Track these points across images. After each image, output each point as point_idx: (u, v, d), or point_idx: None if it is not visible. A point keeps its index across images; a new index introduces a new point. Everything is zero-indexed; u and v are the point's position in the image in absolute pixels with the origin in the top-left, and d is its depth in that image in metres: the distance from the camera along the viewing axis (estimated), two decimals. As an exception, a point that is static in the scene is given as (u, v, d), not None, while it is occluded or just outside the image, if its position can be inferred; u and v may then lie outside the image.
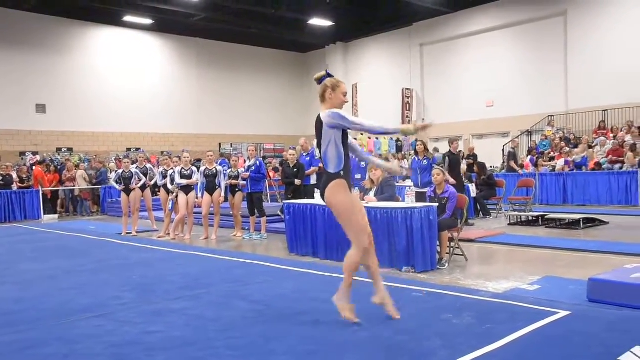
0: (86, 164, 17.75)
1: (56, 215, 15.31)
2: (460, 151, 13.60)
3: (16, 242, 10.39)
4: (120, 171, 11.00)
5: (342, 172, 4.00)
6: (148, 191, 11.30)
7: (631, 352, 3.23)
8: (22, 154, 18.65)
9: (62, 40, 20.29)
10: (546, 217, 10.34)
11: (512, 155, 15.31)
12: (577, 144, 15.70)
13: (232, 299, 5.05)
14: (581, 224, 9.52)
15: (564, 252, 7.20)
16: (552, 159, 15.57)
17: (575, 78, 18.05)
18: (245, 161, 10.74)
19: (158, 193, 11.31)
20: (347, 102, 4.23)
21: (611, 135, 15.68)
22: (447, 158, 10.69)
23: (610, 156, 14.18)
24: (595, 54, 17.44)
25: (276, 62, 26.77)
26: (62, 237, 10.94)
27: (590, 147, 15.14)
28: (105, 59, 21.37)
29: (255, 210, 9.88)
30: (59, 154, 19.31)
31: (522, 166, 15.49)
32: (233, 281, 5.87)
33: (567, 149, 15.06)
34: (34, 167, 16.31)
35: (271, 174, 16.72)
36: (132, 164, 11.55)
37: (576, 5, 17.99)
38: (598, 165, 14.27)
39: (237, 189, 9.89)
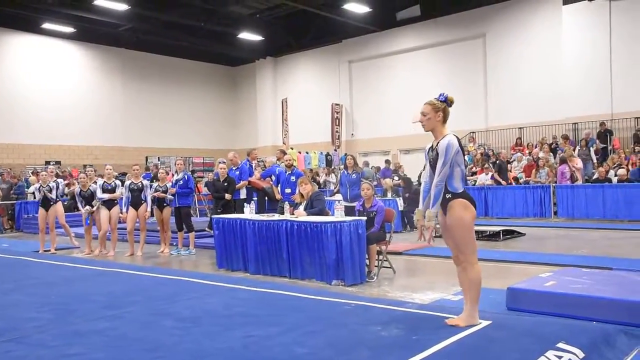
0: (-1, 177, 16.68)
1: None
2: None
3: None
4: (38, 185, 10.43)
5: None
6: (60, 206, 10.69)
7: (545, 356, 3.42)
8: None
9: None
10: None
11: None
12: (496, 160, 16.53)
13: (158, 317, 4.89)
14: (501, 235, 10.01)
15: (485, 263, 7.52)
16: (474, 173, 16.28)
17: (494, 97, 19.06)
18: (173, 175, 10.50)
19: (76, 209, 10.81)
20: None
21: (527, 151, 16.64)
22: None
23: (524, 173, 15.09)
24: (512, 74, 18.52)
25: (206, 75, 26.45)
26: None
27: (508, 162, 15.98)
28: (22, 67, 20.29)
29: (183, 225, 9.66)
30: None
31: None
32: (159, 299, 5.69)
33: (487, 165, 15.79)
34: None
35: (200, 188, 16.42)
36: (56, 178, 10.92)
37: (494, 29, 19.05)
38: (516, 179, 15.08)
39: (164, 204, 9.64)
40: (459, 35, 19.78)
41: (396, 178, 14.09)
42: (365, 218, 6.67)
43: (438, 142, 4.08)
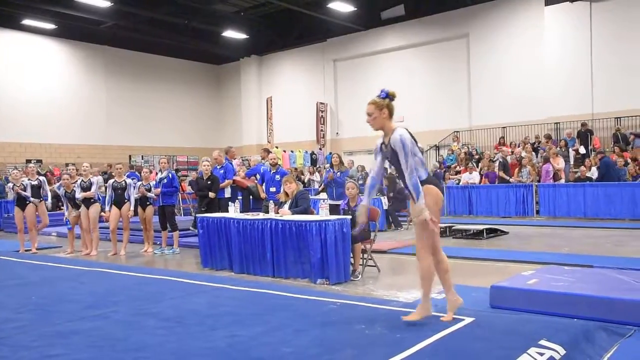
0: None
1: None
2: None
3: None
4: (12, 184, 10.31)
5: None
6: (43, 205, 10.57)
7: (527, 353, 3.46)
8: None
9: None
10: (453, 228, 10.87)
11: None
12: (480, 159, 16.66)
13: (142, 317, 4.85)
14: (484, 234, 10.10)
15: (470, 261, 7.60)
16: (458, 172, 16.40)
17: (478, 96, 19.22)
18: (157, 174, 10.42)
19: (61, 207, 10.69)
20: None
21: (509, 150, 16.80)
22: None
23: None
24: (495, 74, 18.69)
25: (190, 73, 26.28)
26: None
27: (491, 161, 16.12)
28: (2, 63, 19.97)
29: (167, 224, 9.60)
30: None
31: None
32: (143, 298, 5.65)
33: (471, 164, 15.90)
34: None
35: (184, 187, 16.31)
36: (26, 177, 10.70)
37: (477, 29, 19.20)
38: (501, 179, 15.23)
39: (148, 203, 9.56)
40: (443, 35, 19.90)
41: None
42: (350, 217, 6.69)
43: (389, 138, 4.08)
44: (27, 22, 19.73)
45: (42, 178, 10.76)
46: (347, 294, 5.72)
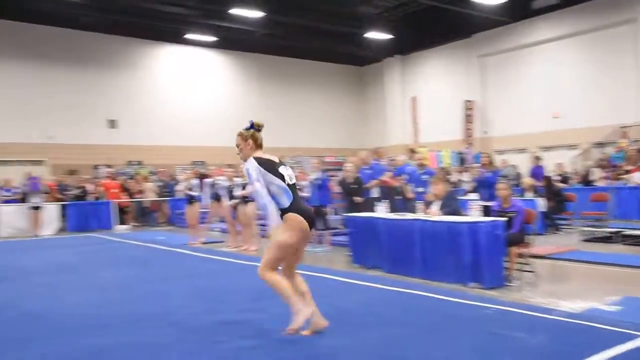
0: (155, 176, 18.42)
1: (128, 226, 15.95)
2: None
3: (92, 251, 10.91)
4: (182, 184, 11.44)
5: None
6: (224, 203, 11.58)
7: None
8: (96, 167, 19.60)
9: (130, 58, 21.28)
10: (623, 233, 9.83)
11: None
12: (653, 157, 14.85)
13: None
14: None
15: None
16: (627, 171, 14.80)
17: (649, 87, 17.14)
18: (308, 175, 10.86)
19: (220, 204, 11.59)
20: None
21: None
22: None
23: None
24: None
25: (334, 75, 26.99)
26: (133, 246, 11.39)
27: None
28: (169, 75, 22.23)
29: (320, 223, 9.94)
30: (130, 167, 20.21)
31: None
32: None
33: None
34: (105, 180, 17.10)
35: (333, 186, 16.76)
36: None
37: (648, 12, 17.14)
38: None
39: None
40: (604, 21, 18.04)
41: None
42: (503, 219, 6.37)
43: None
44: (189, 36, 21.76)
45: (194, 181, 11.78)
46: (502, 299, 5.45)
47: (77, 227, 15.19)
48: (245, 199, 10.16)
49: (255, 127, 4.48)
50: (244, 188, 10.14)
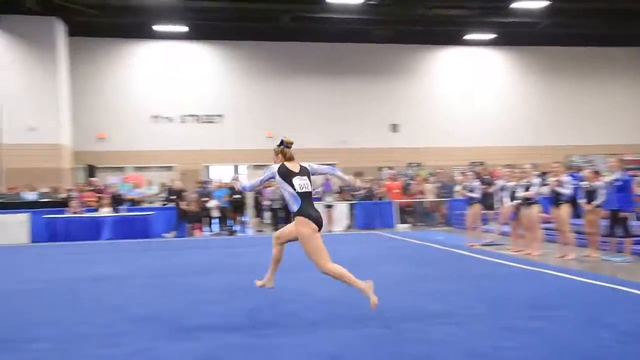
0: (434, 177, 18.81)
1: (408, 225, 16.65)
2: None
3: (374, 247, 11.75)
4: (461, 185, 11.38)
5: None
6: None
7: None
8: (380, 169, 21.03)
9: (411, 64, 22.21)
10: None
11: None
12: None
13: (591, 325, 4.55)
14: None
15: None
16: None
17: None
18: (602, 175, 9.67)
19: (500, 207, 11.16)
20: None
21: None
22: None
23: None
24: None
25: (631, 61, 23.44)
26: (412, 245, 11.84)
27: None
28: (448, 77, 22.43)
29: (619, 229, 8.74)
30: (410, 169, 21.14)
31: None
32: (590, 305, 5.30)
33: None
34: (388, 181, 18.17)
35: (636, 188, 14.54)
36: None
37: None
38: None
39: (593, 204, 8.96)
40: None
41: None
42: None
43: None
44: (469, 36, 21.57)
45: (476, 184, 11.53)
46: None
47: (363, 224, 16.48)
48: (529, 201, 9.57)
49: (285, 144, 5.17)
50: (527, 189, 9.57)
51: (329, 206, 16.30)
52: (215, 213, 15.77)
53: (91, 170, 18.78)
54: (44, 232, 14.09)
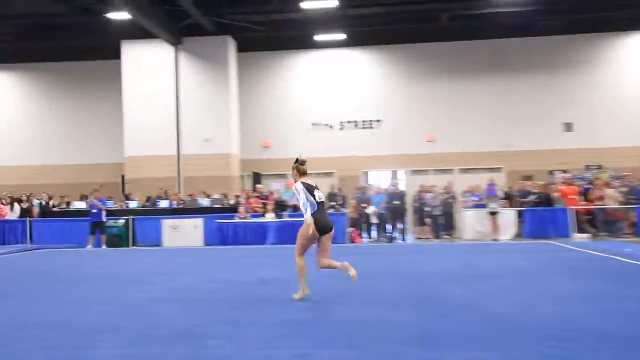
0: (617, 181, 16.55)
1: (587, 235, 14.85)
2: None
3: (548, 258, 10.54)
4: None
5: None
6: None
7: None
8: (551, 172, 19.13)
9: (588, 55, 19.98)
10: None
11: None
12: None
13: None
14: None
15: None
16: None
17: None
18: None
19: None
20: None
21: None
22: None
23: None
24: None
25: None
26: (593, 257, 10.42)
27: None
28: (635, 67, 19.79)
29: None
30: (588, 171, 18.92)
31: None
32: None
33: None
34: (561, 186, 16.38)
35: None
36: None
37: None
38: None
39: None
40: None
41: None
42: None
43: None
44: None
45: None
46: None
47: (533, 233, 15.06)
48: None
49: (299, 162, 6.21)
50: None
51: (493, 213, 15.22)
52: (374, 219, 15.64)
53: (257, 177, 19.87)
54: (216, 236, 15.15)
